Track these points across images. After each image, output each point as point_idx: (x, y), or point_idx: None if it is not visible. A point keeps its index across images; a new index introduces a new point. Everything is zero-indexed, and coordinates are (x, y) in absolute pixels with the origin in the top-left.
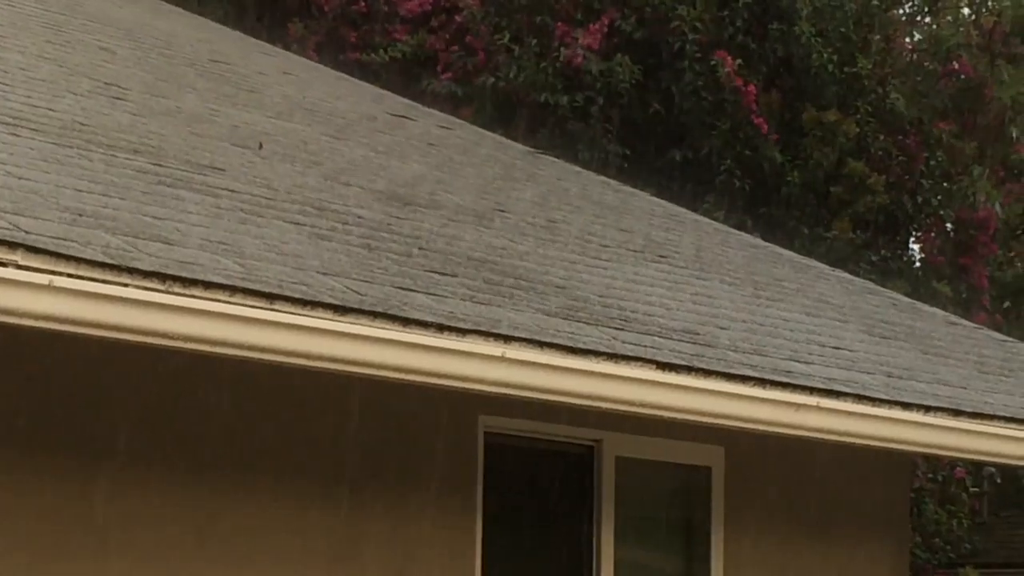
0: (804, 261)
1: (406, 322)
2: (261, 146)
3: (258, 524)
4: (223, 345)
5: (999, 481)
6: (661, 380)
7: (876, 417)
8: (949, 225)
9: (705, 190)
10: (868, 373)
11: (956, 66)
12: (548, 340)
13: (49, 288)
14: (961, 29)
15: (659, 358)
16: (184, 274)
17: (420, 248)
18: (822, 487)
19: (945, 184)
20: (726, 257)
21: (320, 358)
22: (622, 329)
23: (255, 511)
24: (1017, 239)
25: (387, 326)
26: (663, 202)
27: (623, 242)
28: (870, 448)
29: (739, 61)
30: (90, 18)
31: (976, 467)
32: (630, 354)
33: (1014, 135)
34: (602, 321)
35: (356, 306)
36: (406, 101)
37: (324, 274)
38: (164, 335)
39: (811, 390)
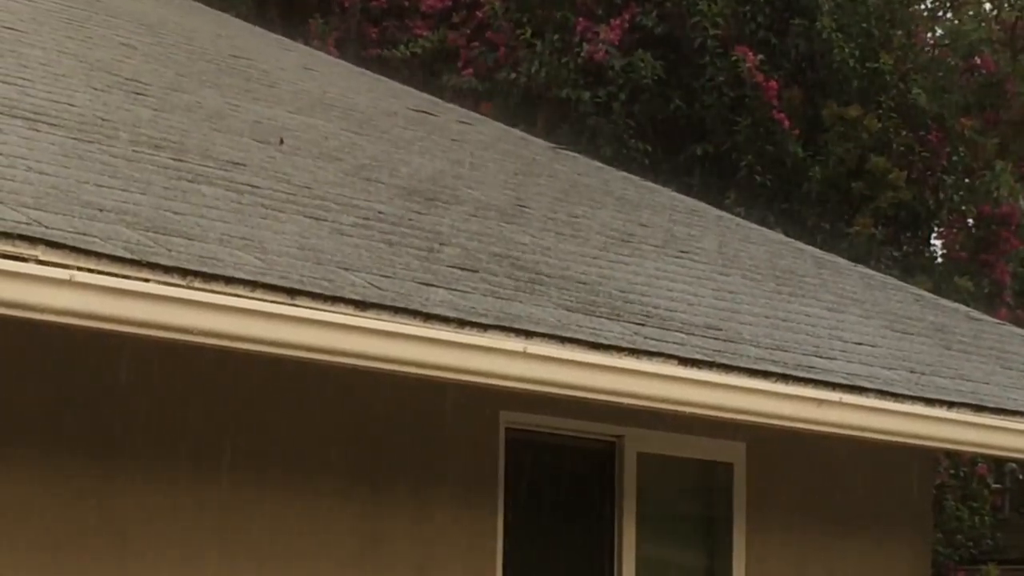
0: (826, 256)
1: (427, 317)
2: (282, 141)
3: (279, 521)
4: (244, 341)
5: (1021, 477)
6: (683, 376)
7: (898, 413)
8: (971, 221)
9: (726, 185)
10: (890, 369)
11: (978, 61)
12: (569, 335)
13: (69, 283)
14: (983, 24)
15: (681, 354)
16: (205, 269)
17: (441, 243)
18: (844, 483)
19: (967, 180)
20: (748, 252)
21: (341, 353)
22: (644, 324)
23: (276, 508)
24: None
25: (408, 321)
26: (684, 197)
27: (644, 237)
28: (892, 444)
29: (760, 57)
30: (111, 13)
31: (998, 463)
32: (652, 350)
33: None
34: (624, 316)
35: (377, 301)
36: (427, 97)
37: (345, 269)
38: (185, 330)
39: (833, 386)
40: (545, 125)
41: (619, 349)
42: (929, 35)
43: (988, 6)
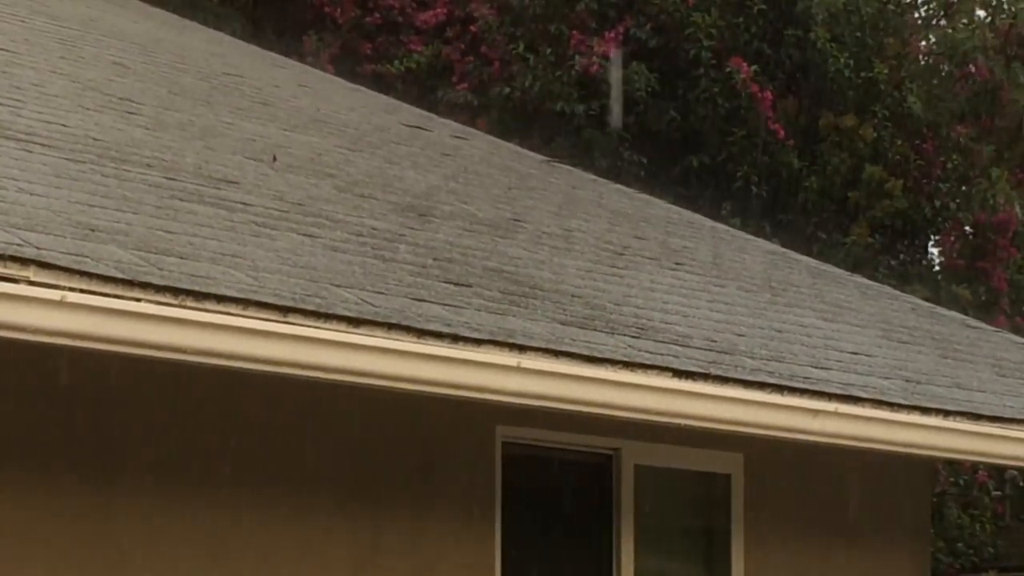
0: (822, 267)
1: (421, 333)
2: (275, 159)
3: (278, 538)
4: (237, 359)
5: (1022, 485)
6: (678, 388)
7: (895, 422)
8: (968, 228)
9: (722, 197)
10: (886, 378)
11: (972, 69)
12: (564, 349)
13: (61, 304)
14: (976, 32)
15: (676, 366)
16: (197, 288)
17: (435, 259)
18: (842, 493)
19: (963, 187)
20: (743, 264)
21: (335, 370)
22: (639, 337)
23: (274, 525)
24: None
25: (402, 337)
26: (680, 209)
27: (639, 250)
28: (889, 453)
29: (755, 67)
30: (104, 33)
31: (998, 471)
32: (647, 362)
33: None
34: (618, 329)
35: (371, 318)
36: (421, 112)
37: (338, 286)
38: (177, 349)
39: (829, 396)
40: (540, 139)
41: (614, 362)
42: (923, 43)
43: (982, 13)
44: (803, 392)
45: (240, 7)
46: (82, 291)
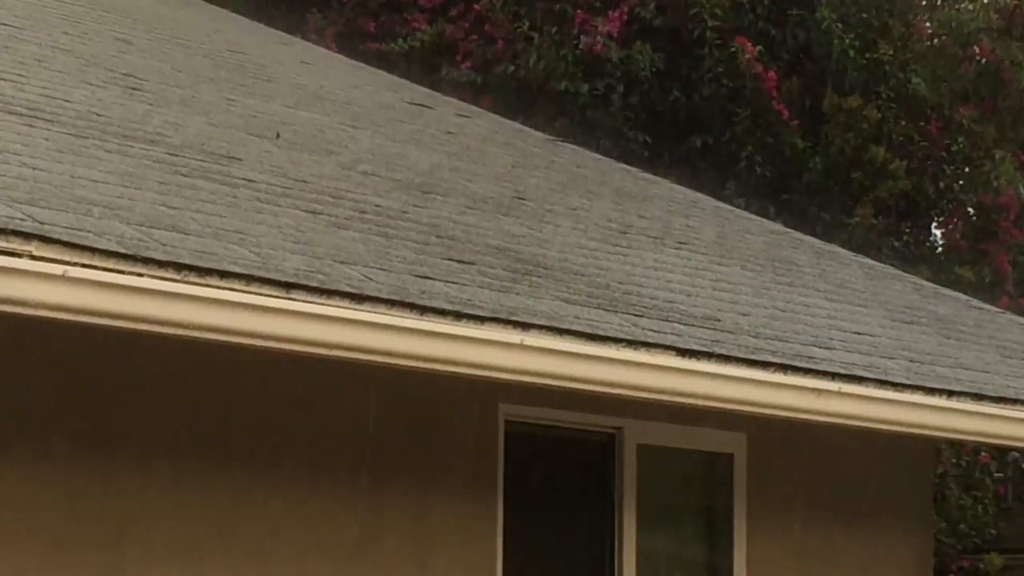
0: (825, 247)
1: (424, 310)
2: (278, 135)
3: (279, 516)
4: (239, 335)
5: None
6: (682, 367)
7: (898, 402)
8: (971, 210)
9: (726, 177)
10: (890, 358)
11: (976, 50)
12: (567, 327)
13: (63, 279)
14: (981, 13)
15: (679, 344)
16: (199, 264)
17: (438, 236)
18: (845, 473)
19: (967, 169)
20: (747, 243)
21: (337, 347)
22: (642, 316)
23: (276, 503)
24: None
25: (405, 314)
26: (684, 189)
27: (643, 229)
28: (892, 433)
29: (759, 47)
30: (106, 9)
31: (1001, 452)
32: (650, 341)
33: None
34: (622, 308)
35: (373, 294)
36: (424, 90)
37: (341, 263)
38: (179, 325)
39: (832, 375)
40: (543, 118)
41: (617, 340)
42: (927, 24)
43: None
44: (806, 371)
45: None
46: (84, 266)
